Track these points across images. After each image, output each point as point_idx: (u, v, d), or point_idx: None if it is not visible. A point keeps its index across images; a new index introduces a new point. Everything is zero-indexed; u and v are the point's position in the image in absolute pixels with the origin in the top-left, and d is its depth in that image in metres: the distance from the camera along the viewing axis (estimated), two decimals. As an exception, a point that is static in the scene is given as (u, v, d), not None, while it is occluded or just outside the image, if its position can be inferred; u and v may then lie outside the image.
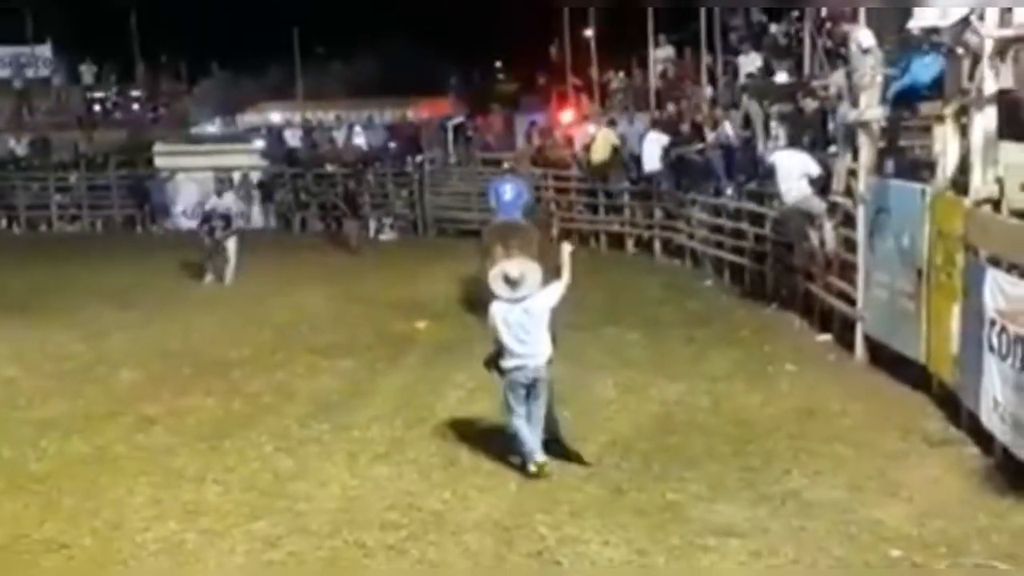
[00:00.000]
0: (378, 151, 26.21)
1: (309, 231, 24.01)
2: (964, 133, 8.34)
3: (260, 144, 27.06)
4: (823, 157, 11.87)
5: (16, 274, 17.50)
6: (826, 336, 11.38)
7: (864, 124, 10.21)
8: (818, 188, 11.58)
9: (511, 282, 7.45)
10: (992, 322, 7.16)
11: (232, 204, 18.86)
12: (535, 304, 7.44)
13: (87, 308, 14.30)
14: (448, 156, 25.38)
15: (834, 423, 8.50)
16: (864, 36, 10.13)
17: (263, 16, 34.95)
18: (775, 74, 16.20)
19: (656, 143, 17.59)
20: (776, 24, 17.24)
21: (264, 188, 25.02)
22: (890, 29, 10.20)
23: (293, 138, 27.78)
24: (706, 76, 19.06)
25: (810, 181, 11.62)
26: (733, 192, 15.43)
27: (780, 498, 6.84)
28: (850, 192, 10.81)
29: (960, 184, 8.31)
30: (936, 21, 8.67)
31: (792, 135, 13.48)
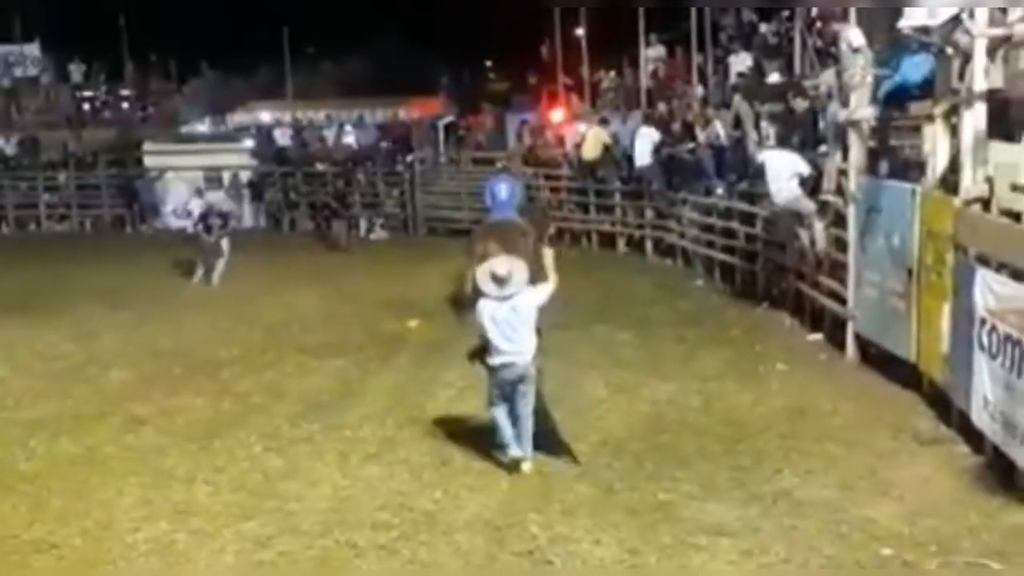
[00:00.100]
0: (368, 150, 26.18)
1: (299, 231, 23.96)
2: (954, 133, 8.35)
3: (250, 143, 27.01)
4: (813, 157, 11.89)
5: (5, 274, 17.42)
6: (817, 335, 11.40)
7: (854, 124, 10.23)
8: (808, 188, 11.61)
9: (498, 280, 7.45)
10: (982, 321, 7.18)
11: (223, 203, 18.95)
12: (522, 302, 7.45)
13: (77, 308, 14.24)
14: (439, 155, 25.36)
15: (825, 422, 8.51)
16: (854, 35, 10.15)
17: (253, 16, 34.94)
18: (766, 74, 16.24)
19: (647, 139, 17.65)
20: (766, 24, 17.29)
21: (254, 187, 24.97)
22: (880, 28, 10.21)
23: (283, 137, 27.73)
24: (697, 76, 19.09)
25: (800, 181, 11.64)
26: (723, 191, 15.46)
27: (771, 497, 6.85)
28: (841, 191, 10.83)
29: (950, 184, 8.33)
30: (926, 20, 8.68)
31: (782, 135, 13.51)
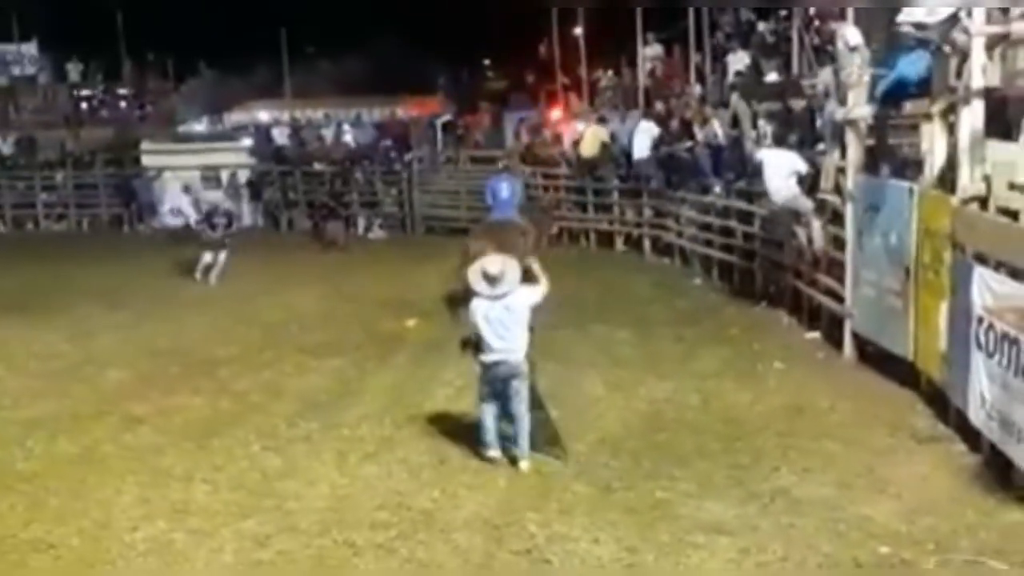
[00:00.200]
0: (366, 149, 26.16)
1: (297, 230, 23.94)
2: (952, 131, 8.35)
3: (248, 142, 27.00)
4: (811, 155, 11.90)
5: (2, 274, 17.38)
6: (815, 334, 11.41)
7: (852, 122, 10.24)
8: (806, 186, 11.62)
9: (491, 279, 7.49)
10: (979, 319, 7.18)
11: (224, 203, 19.06)
12: (516, 301, 7.49)
13: (74, 307, 14.22)
14: (437, 154, 25.35)
15: (823, 420, 8.52)
16: (851, 34, 10.15)
17: (251, 15, 34.89)
18: (764, 73, 16.24)
19: (647, 133, 17.73)
20: (764, 22, 17.28)
21: (252, 187, 24.95)
22: (878, 27, 10.22)
23: (281, 136, 27.72)
24: (695, 74, 19.10)
25: (799, 179, 11.65)
26: (721, 190, 15.47)
27: (769, 495, 6.85)
28: (838, 190, 10.83)
29: (948, 182, 8.33)
30: (924, 18, 8.68)
31: (780, 133, 13.51)
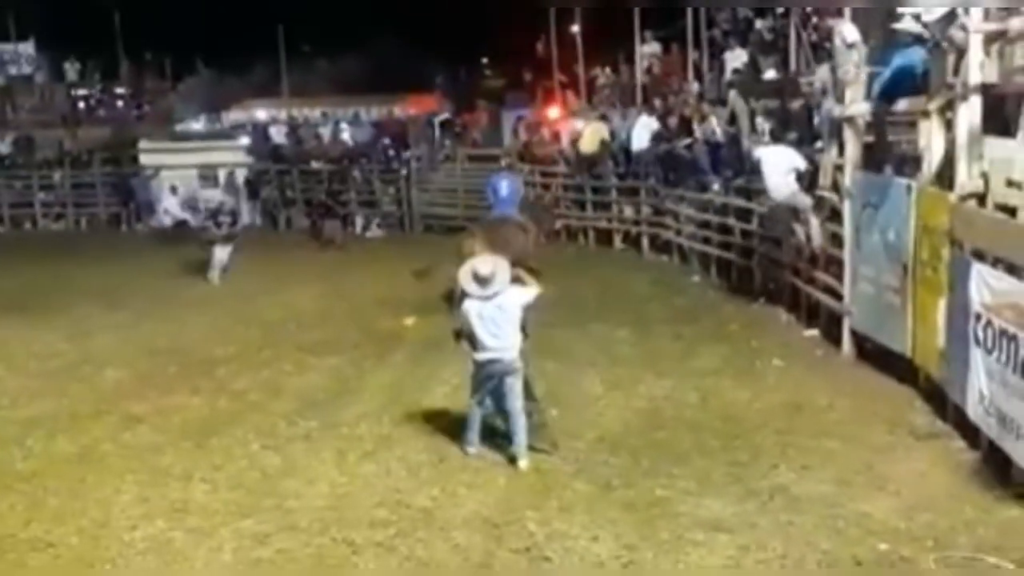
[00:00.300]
0: (364, 148, 26.15)
1: (295, 228, 23.93)
2: (949, 128, 8.36)
3: (245, 141, 26.99)
4: (809, 152, 11.90)
5: (1, 273, 17.39)
6: (813, 331, 11.41)
7: (849, 119, 10.24)
8: (805, 184, 11.62)
9: (481, 279, 7.53)
10: (978, 316, 7.19)
11: (226, 201, 19.18)
12: (508, 300, 7.55)
13: (73, 307, 14.22)
14: (435, 153, 25.35)
15: (821, 418, 8.52)
16: (849, 31, 10.15)
17: (248, 13, 34.86)
18: (762, 70, 16.25)
19: (646, 127, 17.83)
20: (762, 20, 17.27)
21: (250, 185, 24.94)
22: (876, 24, 10.21)
23: (279, 135, 27.72)
24: (692, 72, 19.10)
25: (797, 176, 11.65)
26: (720, 187, 15.47)
27: (768, 493, 6.86)
28: (836, 187, 10.84)
29: (946, 179, 8.33)
30: (922, 16, 8.68)
31: (778, 131, 13.51)
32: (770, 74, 15.96)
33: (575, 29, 24.15)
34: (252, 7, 34.71)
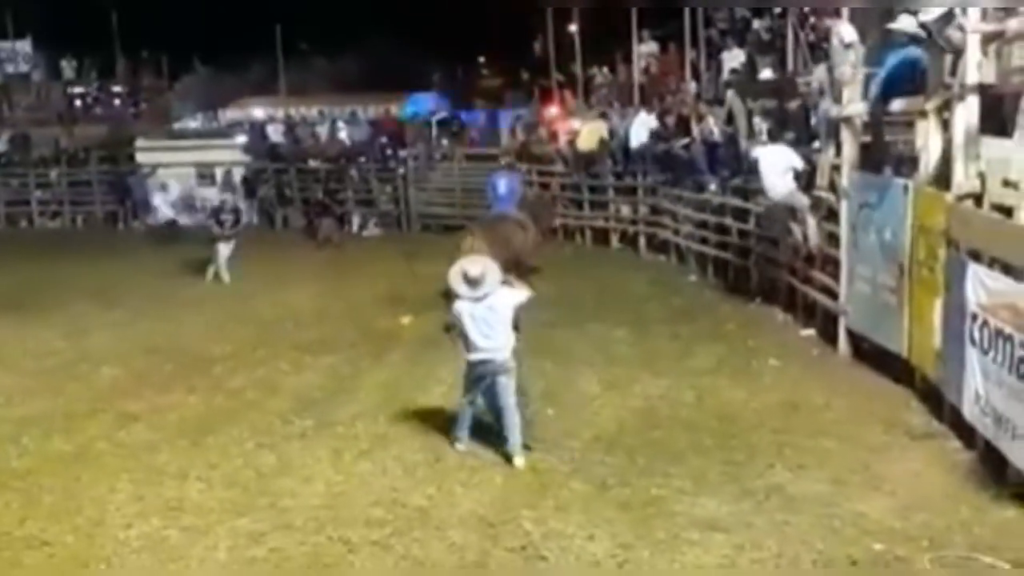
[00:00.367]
0: (362, 146, 26.12)
1: (291, 227, 23.90)
2: (946, 128, 8.36)
3: (242, 140, 26.95)
4: (806, 152, 11.90)
5: (-4, 271, 17.40)
6: (810, 331, 11.42)
7: (846, 119, 10.24)
8: (802, 183, 11.62)
9: (470, 281, 7.55)
10: (974, 316, 7.19)
11: (220, 198, 19.19)
12: (499, 301, 7.60)
13: (69, 305, 14.21)
14: (432, 152, 25.33)
15: (817, 417, 8.53)
16: (846, 31, 10.16)
17: (245, 12, 34.79)
18: (759, 70, 16.25)
19: (644, 125, 17.88)
20: (759, 20, 17.27)
21: (247, 184, 24.91)
22: (873, 24, 10.22)
23: (276, 133, 27.65)
24: (690, 71, 19.09)
25: (795, 175, 11.66)
26: (717, 187, 15.47)
27: (764, 492, 6.86)
28: (833, 187, 10.84)
29: (942, 179, 8.34)
30: (920, 14, 8.68)
31: (775, 131, 13.51)
32: (767, 74, 15.95)
33: (573, 28, 24.13)
34: (249, 5, 34.64)
